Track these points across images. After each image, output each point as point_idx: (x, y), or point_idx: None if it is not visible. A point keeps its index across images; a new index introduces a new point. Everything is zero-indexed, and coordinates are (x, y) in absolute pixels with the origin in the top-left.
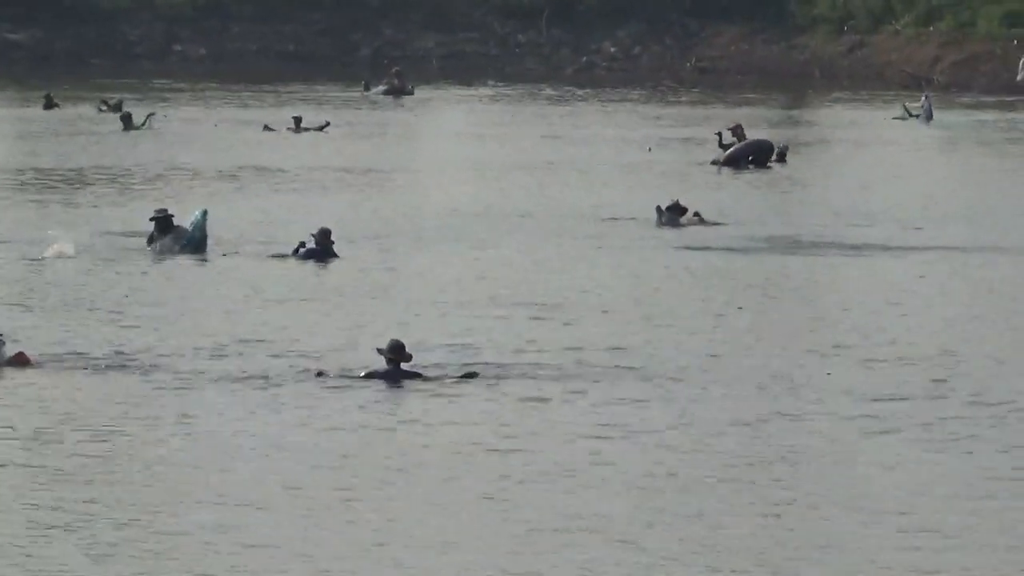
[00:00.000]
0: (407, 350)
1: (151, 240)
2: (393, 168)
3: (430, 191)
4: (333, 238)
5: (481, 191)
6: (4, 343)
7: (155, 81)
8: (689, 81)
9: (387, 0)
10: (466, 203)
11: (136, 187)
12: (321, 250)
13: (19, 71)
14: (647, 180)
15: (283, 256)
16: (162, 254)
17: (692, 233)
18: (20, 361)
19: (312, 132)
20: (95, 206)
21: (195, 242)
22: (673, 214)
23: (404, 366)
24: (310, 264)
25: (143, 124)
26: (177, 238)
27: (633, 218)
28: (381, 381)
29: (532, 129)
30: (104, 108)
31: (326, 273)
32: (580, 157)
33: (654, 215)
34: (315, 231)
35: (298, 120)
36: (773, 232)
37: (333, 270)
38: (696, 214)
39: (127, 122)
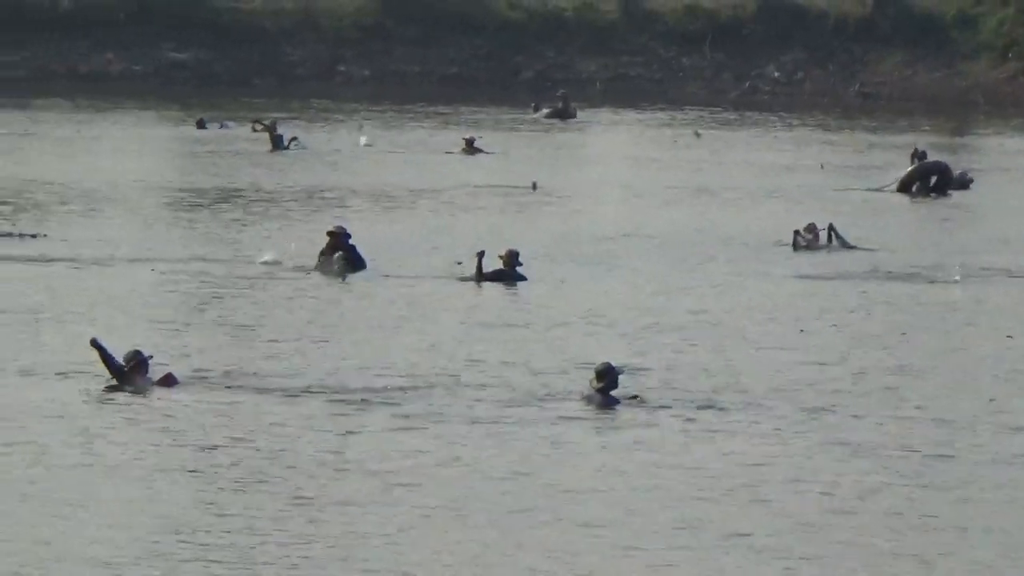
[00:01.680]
0: (616, 374)
1: (322, 255)
2: (556, 191)
3: (594, 214)
4: (521, 260)
5: (645, 214)
6: (149, 362)
7: (317, 102)
8: (852, 107)
9: (549, 24)
10: (625, 226)
11: (296, 207)
12: (510, 272)
13: (183, 91)
14: (811, 205)
15: (469, 278)
16: (329, 272)
17: (843, 259)
18: (167, 382)
19: (483, 154)
20: (246, 225)
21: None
22: (812, 236)
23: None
24: (499, 287)
25: (287, 145)
26: (341, 259)
27: (789, 244)
28: (589, 405)
29: (695, 153)
30: (258, 128)
31: (516, 296)
32: (742, 181)
33: (791, 239)
34: (503, 253)
35: (470, 141)
36: (932, 259)
37: (523, 293)
38: (831, 227)
39: (276, 142)
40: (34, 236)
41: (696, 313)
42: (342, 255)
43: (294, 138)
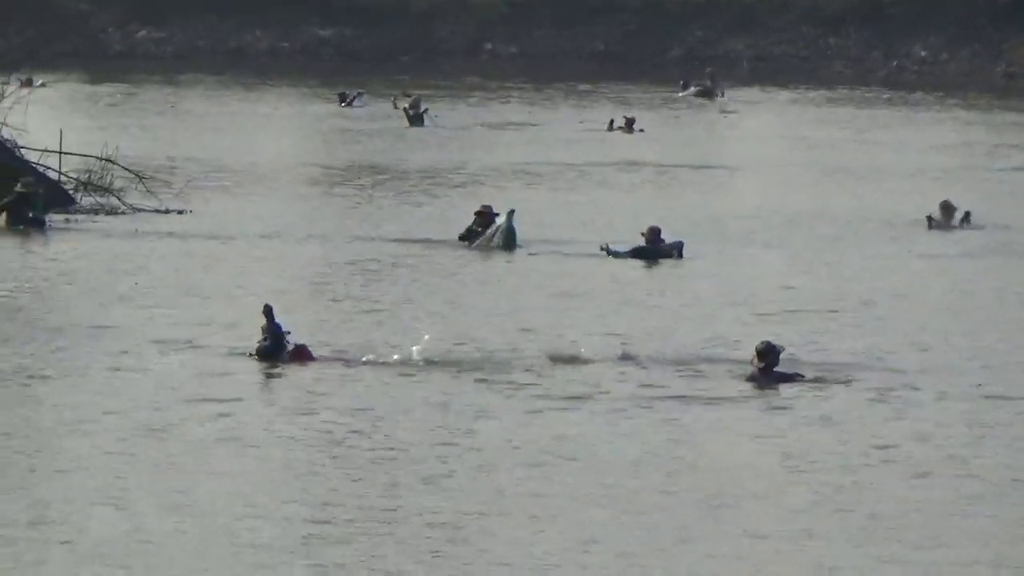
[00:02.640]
0: (777, 352)
1: (468, 235)
2: (702, 169)
3: (738, 192)
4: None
5: (787, 193)
6: (288, 338)
7: (464, 79)
8: (998, 87)
9: (697, 2)
10: (772, 205)
11: (443, 184)
12: (652, 249)
13: (327, 68)
14: (951, 185)
15: (617, 254)
16: (478, 249)
17: (982, 239)
18: (301, 356)
19: (639, 133)
20: (387, 201)
21: (506, 242)
22: (946, 215)
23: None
24: (638, 263)
25: (421, 118)
26: (491, 234)
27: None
28: (750, 383)
29: (840, 132)
30: (400, 105)
31: (655, 272)
32: (887, 160)
33: (924, 221)
34: (644, 230)
35: (630, 120)
36: None
37: (671, 270)
38: (966, 213)
39: (413, 119)
40: (180, 212)
41: (841, 292)
42: (503, 225)
43: (426, 109)
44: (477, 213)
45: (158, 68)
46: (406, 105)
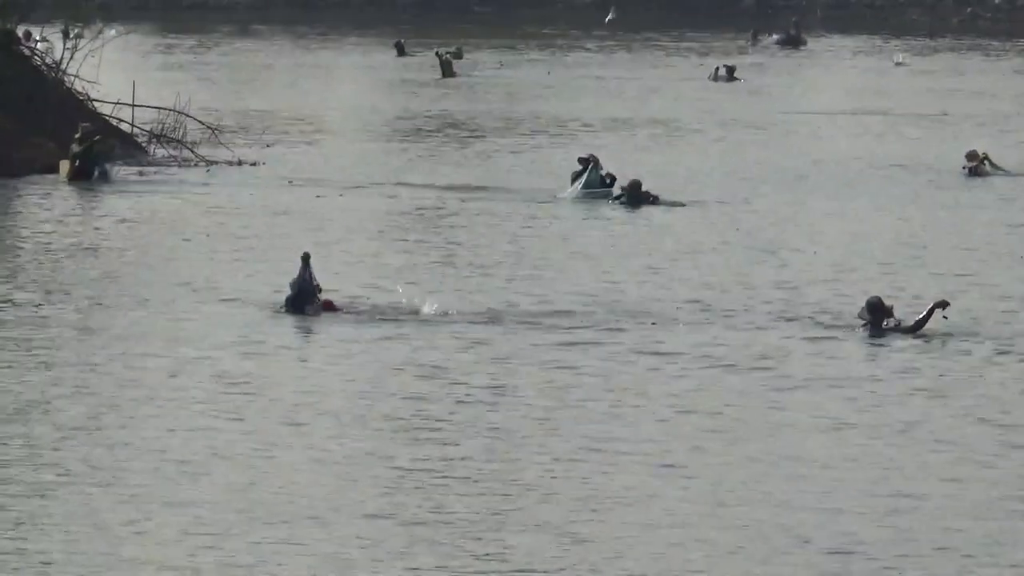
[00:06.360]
0: (885, 308)
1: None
2: (780, 118)
3: (812, 142)
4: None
5: (861, 143)
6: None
7: (537, 29)
8: None
9: None
10: (846, 154)
11: (542, 134)
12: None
13: (400, 18)
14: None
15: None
16: (575, 199)
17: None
18: (328, 308)
19: (738, 82)
20: (447, 151)
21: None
22: (974, 163)
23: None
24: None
25: (451, 66)
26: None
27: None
28: (863, 337)
29: (916, 82)
30: (442, 55)
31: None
32: (963, 110)
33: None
34: (625, 184)
35: (731, 69)
36: None
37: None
38: (984, 156)
39: (446, 69)
40: (253, 164)
41: (901, 242)
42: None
43: (447, 57)
44: (581, 160)
45: (230, 19)
46: (445, 54)
